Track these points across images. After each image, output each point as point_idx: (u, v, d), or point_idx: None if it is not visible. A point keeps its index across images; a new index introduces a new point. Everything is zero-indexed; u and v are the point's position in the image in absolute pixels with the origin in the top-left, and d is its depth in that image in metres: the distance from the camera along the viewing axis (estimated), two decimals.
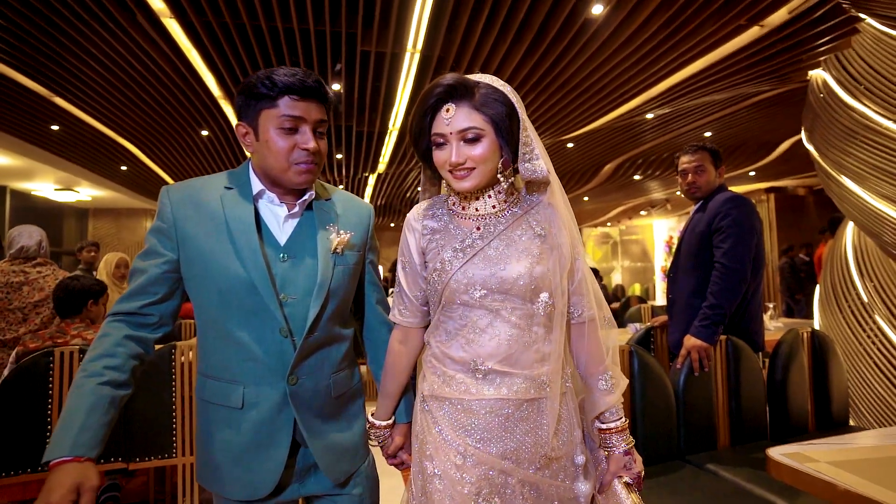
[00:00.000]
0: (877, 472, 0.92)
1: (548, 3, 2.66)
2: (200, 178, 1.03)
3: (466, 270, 0.94)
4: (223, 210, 0.98)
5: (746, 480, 1.59)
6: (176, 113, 4.62)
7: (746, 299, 1.91)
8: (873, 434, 1.19)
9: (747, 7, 2.52)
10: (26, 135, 5.06)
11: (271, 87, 0.93)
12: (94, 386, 0.86)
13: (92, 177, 6.50)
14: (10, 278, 2.41)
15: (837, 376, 2.11)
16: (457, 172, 0.94)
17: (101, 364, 0.88)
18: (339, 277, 1.01)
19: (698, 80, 3.42)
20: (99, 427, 0.84)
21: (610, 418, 1.00)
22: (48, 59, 3.47)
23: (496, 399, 0.92)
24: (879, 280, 2.57)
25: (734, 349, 1.95)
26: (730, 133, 5.59)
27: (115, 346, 0.91)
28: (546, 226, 0.98)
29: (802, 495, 1.47)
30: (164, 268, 0.97)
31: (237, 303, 0.95)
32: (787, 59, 3.05)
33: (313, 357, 1.00)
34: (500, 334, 0.94)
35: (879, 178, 2.31)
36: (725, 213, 1.89)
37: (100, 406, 0.85)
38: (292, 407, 0.97)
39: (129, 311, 0.95)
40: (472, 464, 0.92)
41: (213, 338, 0.99)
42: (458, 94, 0.92)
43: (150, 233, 1.00)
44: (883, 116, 2.33)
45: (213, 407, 0.98)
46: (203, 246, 0.96)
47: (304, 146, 0.95)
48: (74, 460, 0.80)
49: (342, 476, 1.02)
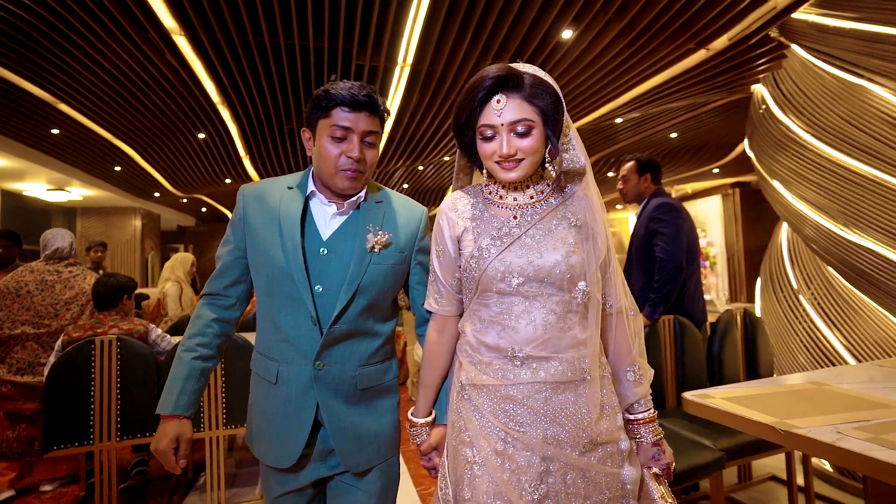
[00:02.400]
0: (749, 402, 1.32)
1: (524, 27, 3.02)
2: (272, 178, 1.14)
3: (504, 258, 0.94)
4: (279, 206, 1.07)
5: (682, 429, 2.00)
6: (175, 117, 4.83)
7: (685, 284, 2.32)
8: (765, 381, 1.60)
9: (694, 34, 2.93)
10: (24, 137, 5.19)
11: (327, 99, 1.01)
12: (190, 359, 1.07)
13: (84, 177, 6.62)
14: (44, 277, 2.66)
15: (764, 346, 2.54)
16: (505, 164, 0.94)
17: (195, 342, 1.08)
18: (373, 275, 1.05)
19: (657, 92, 3.84)
20: (192, 392, 1.06)
21: (638, 409, 1.00)
22: (57, 68, 3.66)
23: (533, 382, 0.92)
24: (807, 269, 3.02)
25: (680, 326, 2.35)
26: (693, 134, 6.05)
27: (204, 327, 1.10)
28: (581, 216, 0.98)
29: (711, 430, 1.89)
30: (235, 254, 1.10)
31: (279, 289, 1.04)
32: (730, 77, 3.48)
33: (340, 347, 1.04)
34: (535, 320, 0.93)
35: (801, 183, 2.75)
36: (658, 218, 2.29)
37: (193, 375, 1.06)
38: (316, 390, 1.03)
39: (214, 292, 1.12)
40: (514, 449, 0.91)
41: (263, 318, 1.10)
42: (508, 85, 0.92)
43: (229, 225, 1.14)
44: (805, 131, 2.77)
45: (259, 379, 1.10)
46: (260, 237, 1.07)
47: (349, 154, 1.02)
48: (175, 417, 1.03)
49: (360, 466, 1.06)
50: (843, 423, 1.10)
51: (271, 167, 6.74)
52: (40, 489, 2.70)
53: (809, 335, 2.81)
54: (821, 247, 2.71)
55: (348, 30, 3.33)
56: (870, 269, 2.44)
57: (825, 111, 2.67)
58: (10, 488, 2.60)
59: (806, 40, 2.76)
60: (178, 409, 1.03)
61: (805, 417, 1.15)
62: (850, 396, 1.31)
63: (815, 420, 1.13)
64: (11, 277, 2.62)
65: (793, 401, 1.31)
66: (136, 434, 2.35)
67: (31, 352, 2.58)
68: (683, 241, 2.25)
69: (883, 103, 2.42)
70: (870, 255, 2.43)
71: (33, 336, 2.58)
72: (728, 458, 1.78)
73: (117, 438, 2.31)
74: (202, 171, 6.81)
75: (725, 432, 1.89)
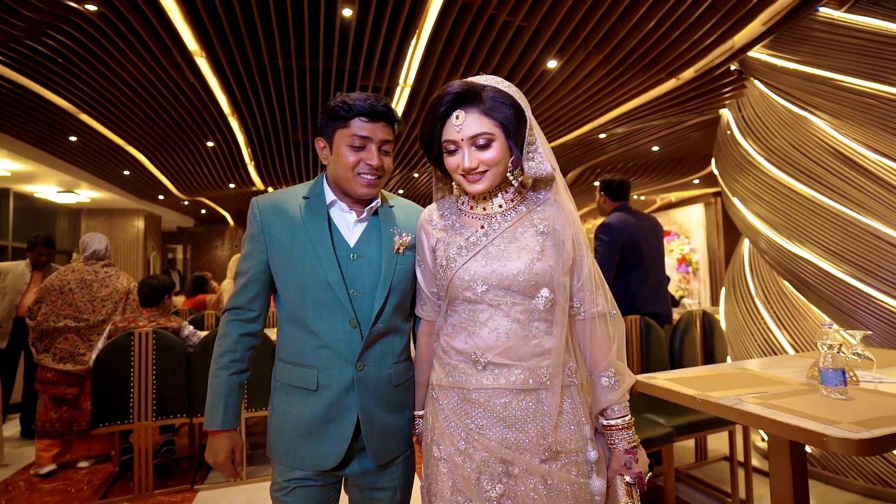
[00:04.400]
0: (685, 381, 1.67)
1: (514, 57, 3.37)
2: (282, 189, 1.17)
3: (469, 267, 0.97)
4: (301, 216, 1.09)
5: (643, 411, 2.36)
6: (186, 126, 5.13)
7: (631, 290, 2.68)
8: (703, 367, 1.95)
9: (664, 66, 3.30)
10: (40, 143, 5.46)
11: (347, 109, 1.05)
12: (227, 376, 1.10)
13: (92, 179, 6.87)
14: (84, 276, 2.96)
15: (720, 343, 2.91)
16: (469, 177, 0.96)
17: (228, 359, 1.11)
18: (400, 274, 1.10)
19: (633, 114, 4.23)
20: (235, 405, 1.10)
21: (611, 415, 0.99)
22: (83, 82, 3.95)
23: (494, 388, 0.94)
24: (763, 276, 3.40)
25: (645, 325, 2.71)
26: (674, 147, 6.45)
27: (234, 343, 1.11)
28: (550, 222, 0.99)
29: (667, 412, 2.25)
30: (258, 268, 1.12)
31: (313, 297, 1.07)
32: (699, 102, 3.87)
33: (377, 346, 1.09)
34: (498, 328, 0.95)
35: (755, 202, 3.13)
36: (598, 236, 2.68)
37: (233, 390, 1.10)
38: (356, 391, 1.06)
39: (239, 306, 1.13)
40: (474, 449, 0.94)
41: (293, 328, 1.10)
42: (466, 101, 0.94)
43: (245, 239, 1.14)
44: (760, 154, 3.15)
45: (291, 388, 1.10)
46: (285, 247, 1.08)
47: (368, 162, 1.06)
48: (226, 431, 1.08)
49: (384, 459, 1.10)
50: (746, 393, 1.46)
51: (274, 174, 7.04)
52: (77, 465, 3.00)
53: (763, 335, 3.19)
54: (772, 258, 3.09)
55: (355, 54, 3.67)
56: (810, 278, 2.82)
57: (777, 137, 3.05)
58: (53, 462, 2.90)
59: (760, 75, 3.15)
60: (227, 424, 1.08)
61: (721, 391, 1.51)
62: (760, 376, 1.68)
63: (727, 392, 1.48)
64: (56, 276, 2.92)
65: (719, 380, 1.66)
66: (168, 415, 2.67)
67: (71, 343, 2.89)
68: (615, 257, 2.62)
69: (824, 134, 2.80)
70: (810, 266, 2.81)
71: (73, 329, 2.89)
72: (677, 433, 2.14)
73: (153, 418, 2.62)
74: (208, 177, 7.10)
75: (678, 414, 2.25)
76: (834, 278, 2.70)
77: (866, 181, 2.59)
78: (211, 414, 1.08)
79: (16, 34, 2.89)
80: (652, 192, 9.70)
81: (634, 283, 2.68)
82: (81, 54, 3.37)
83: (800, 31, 2.78)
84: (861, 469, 2.51)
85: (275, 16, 3.06)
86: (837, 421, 1.17)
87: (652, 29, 2.91)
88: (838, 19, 2.60)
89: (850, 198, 2.64)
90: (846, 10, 2.58)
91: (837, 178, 2.70)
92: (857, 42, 2.54)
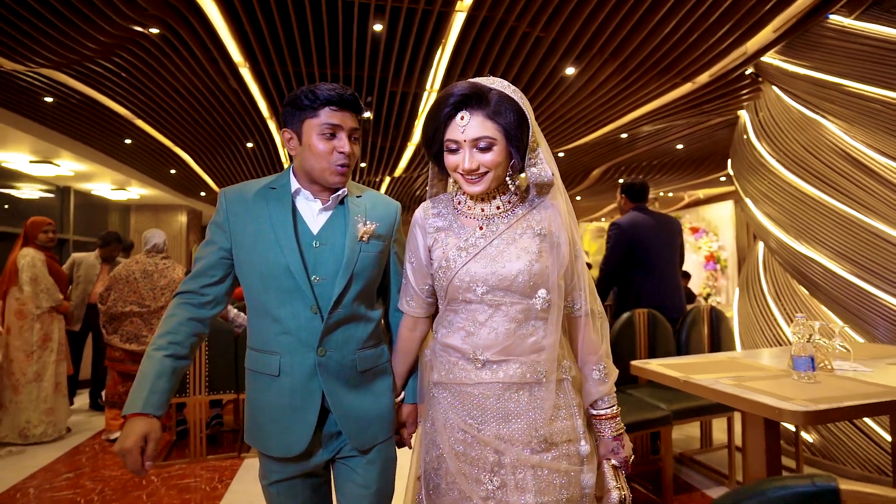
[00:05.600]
0: (677, 367, 1.86)
1: (534, 65, 3.57)
2: (251, 181, 1.16)
3: (469, 268, 0.99)
4: (266, 205, 1.10)
5: (646, 396, 2.55)
6: (229, 129, 5.53)
7: (637, 283, 2.90)
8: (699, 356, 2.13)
9: (679, 72, 3.43)
10: (99, 145, 5.98)
11: (314, 99, 1.05)
12: (161, 357, 1.01)
13: (143, 178, 7.42)
14: (146, 267, 3.34)
15: (726, 336, 3.05)
16: (469, 177, 0.98)
17: (167, 340, 1.04)
18: (364, 262, 1.10)
19: (652, 116, 4.35)
20: (163, 391, 0.99)
21: (601, 406, 1.05)
22: (139, 91, 4.36)
23: (493, 382, 0.98)
24: (776, 275, 3.49)
25: (652, 318, 2.88)
26: (699, 146, 6.48)
27: (178, 325, 1.06)
28: (546, 225, 1.01)
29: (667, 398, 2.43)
30: (219, 254, 1.11)
31: (275, 284, 1.07)
32: (716, 104, 3.97)
33: (339, 332, 1.09)
34: (497, 328, 0.98)
35: (766, 202, 3.23)
36: (609, 234, 2.92)
37: (164, 374, 1.00)
38: (320, 376, 1.06)
39: (191, 290, 1.10)
40: (470, 444, 0.98)
41: (257, 316, 1.11)
42: (472, 103, 0.95)
43: (210, 225, 1.14)
44: (772, 156, 3.25)
45: (257, 375, 1.10)
46: (249, 236, 1.09)
47: (340, 150, 1.06)
48: (144, 416, 0.94)
49: (367, 444, 1.11)
50: (726, 376, 1.65)
51: None
52: None
53: (772, 331, 3.30)
54: (782, 258, 3.20)
55: (385, 63, 3.93)
56: (818, 278, 2.92)
57: (790, 139, 3.15)
58: (120, 429, 3.30)
59: (774, 80, 3.24)
60: (148, 408, 0.96)
61: (704, 374, 1.70)
62: (745, 363, 1.85)
63: (709, 376, 1.68)
64: (122, 267, 3.32)
65: (707, 366, 1.85)
66: (217, 391, 3.02)
67: (135, 326, 3.27)
68: (620, 252, 2.87)
69: (834, 137, 2.89)
70: (818, 266, 2.92)
71: (137, 314, 3.27)
72: (675, 417, 2.33)
73: (206, 392, 2.98)
74: (246, 174, 7.55)
75: (677, 400, 2.43)
76: (841, 279, 2.80)
77: (874, 183, 2.68)
78: (133, 395, 0.98)
79: (90, 54, 3.28)
80: (679, 189, 9.65)
81: (640, 277, 2.89)
82: (142, 69, 3.76)
83: (811, 37, 2.87)
84: (858, 458, 2.63)
85: (312, 30, 3.35)
86: (794, 398, 1.36)
87: (666, 36, 3.05)
88: (848, 27, 2.69)
89: (857, 200, 2.73)
90: (856, 18, 2.66)
91: (846, 181, 2.79)
92: (865, 49, 2.63)
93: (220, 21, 3.18)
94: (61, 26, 2.86)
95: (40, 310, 3.31)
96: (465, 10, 3.00)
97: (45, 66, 3.46)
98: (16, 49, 3.10)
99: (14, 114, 4.68)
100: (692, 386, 1.60)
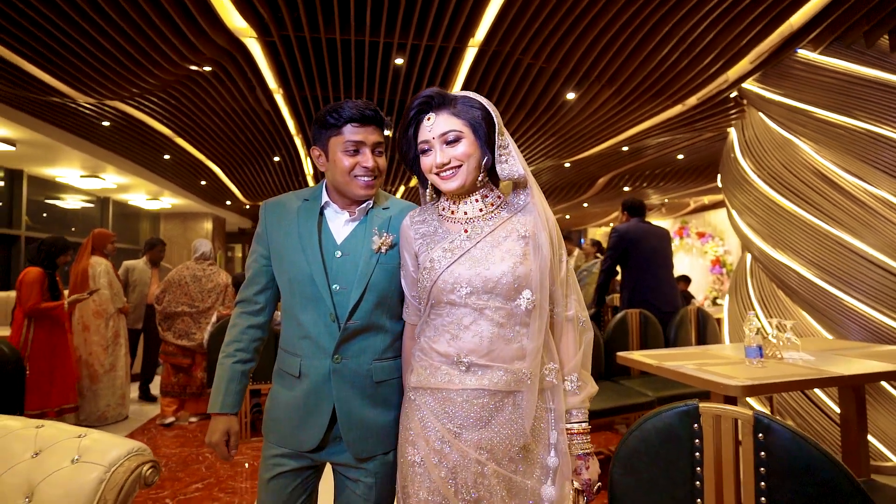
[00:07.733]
0: (656, 357, 2.24)
1: (538, 90, 3.97)
2: (290, 193, 1.25)
3: (453, 270, 0.99)
4: (297, 217, 1.18)
5: (636, 386, 2.91)
6: (259, 145, 6.00)
7: (630, 283, 3.34)
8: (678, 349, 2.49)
9: (669, 96, 3.81)
10: (139, 160, 6.50)
11: (338, 118, 1.11)
12: (230, 364, 1.17)
13: (174, 188, 7.95)
14: (195, 272, 3.80)
15: (712, 334, 3.40)
16: (443, 174, 1.01)
17: (233, 348, 1.19)
18: (381, 273, 1.13)
19: (649, 132, 4.73)
20: (236, 392, 1.17)
21: (570, 419, 1.02)
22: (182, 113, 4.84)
23: (477, 389, 0.97)
24: (761, 280, 3.83)
25: (644, 317, 3.25)
26: (698, 156, 6.80)
27: (240, 333, 1.20)
28: (530, 227, 1.02)
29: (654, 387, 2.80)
30: (261, 262, 1.21)
31: (300, 290, 1.14)
32: (706, 123, 4.34)
33: (355, 341, 1.12)
34: (482, 331, 0.98)
35: (749, 214, 3.58)
36: (609, 237, 3.39)
37: (234, 378, 1.17)
38: (333, 382, 1.10)
39: (246, 299, 1.22)
40: (450, 450, 0.97)
41: (287, 318, 1.19)
42: (436, 104, 1.00)
43: (254, 238, 1.24)
44: (754, 172, 3.60)
45: (282, 373, 1.18)
46: (281, 246, 1.17)
47: (364, 164, 1.12)
48: (224, 415, 1.15)
49: (364, 453, 1.12)
50: (692, 363, 2.02)
51: None
52: (189, 420, 3.85)
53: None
54: (763, 265, 3.54)
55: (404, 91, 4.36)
56: (794, 284, 3.27)
57: (770, 157, 3.50)
58: (172, 416, 3.76)
59: (754, 104, 3.60)
60: (226, 408, 1.15)
61: (675, 361, 2.07)
62: (713, 354, 2.22)
63: (678, 362, 2.05)
64: (175, 272, 3.78)
65: (681, 356, 2.21)
66: (259, 381, 3.45)
67: (186, 324, 3.72)
68: (618, 251, 3.38)
69: (807, 156, 3.24)
70: (794, 273, 3.26)
71: (188, 314, 3.72)
72: (658, 403, 2.69)
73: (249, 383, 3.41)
74: (272, 185, 8.05)
75: (664, 388, 2.80)
76: (814, 285, 3.14)
77: (843, 199, 3.02)
78: (214, 397, 1.16)
79: (149, 88, 3.75)
80: (681, 197, 9.94)
81: (634, 278, 3.34)
82: (190, 97, 4.23)
83: (782, 68, 3.23)
84: (826, 442, 2.96)
85: (341, 62, 3.78)
86: (738, 377, 1.73)
87: (657, 65, 3.43)
88: (813, 60, 3.05)
89: (828, 213, 3.08)
90: (820, 52, 3.02)
91: (818, 196, 3.13)
92: (828, 80, 2.99)
93: (262, 58, 3.63)
94: (131, 66, 3.33)
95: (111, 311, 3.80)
96: (476, 45, 3.41)
97: (112, 98, 3.94)
98: (89, 85, 3.58)
99: (69, 133, 5.20)
100: (662, 370, 1.98)
